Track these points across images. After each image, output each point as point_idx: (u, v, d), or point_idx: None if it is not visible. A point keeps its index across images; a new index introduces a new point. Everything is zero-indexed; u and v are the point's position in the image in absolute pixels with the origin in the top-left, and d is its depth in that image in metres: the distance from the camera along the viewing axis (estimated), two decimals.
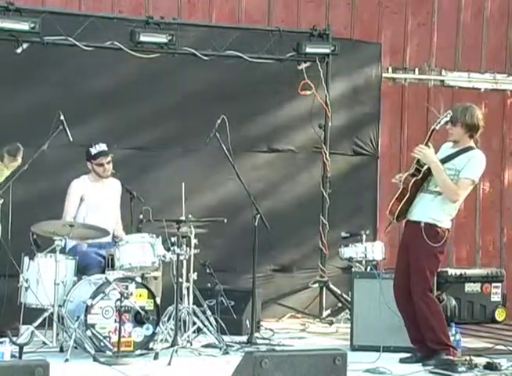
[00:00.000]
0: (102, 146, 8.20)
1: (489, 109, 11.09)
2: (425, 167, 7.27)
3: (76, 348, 7.24)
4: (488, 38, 11.10)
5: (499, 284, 10.02)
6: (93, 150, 8.19)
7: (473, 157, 7.23)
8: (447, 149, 7.33)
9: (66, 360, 6.97)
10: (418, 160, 7.31)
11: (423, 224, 7.17)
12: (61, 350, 7.33)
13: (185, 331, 7.75)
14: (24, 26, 8.44)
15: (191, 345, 7.66)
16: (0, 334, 7.28)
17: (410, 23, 10.80)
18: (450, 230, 7.32)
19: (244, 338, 8.13)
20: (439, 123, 7.21)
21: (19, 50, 8.55)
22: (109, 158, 8.22)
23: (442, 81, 10.92)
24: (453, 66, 10.96)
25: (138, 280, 7.47)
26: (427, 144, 7.19)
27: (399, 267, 7.45)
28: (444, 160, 7.25)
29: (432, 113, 8.99)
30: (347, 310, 9.15)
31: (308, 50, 9.61)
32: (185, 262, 7.82)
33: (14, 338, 7.00)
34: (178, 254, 7.71)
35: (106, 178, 8.27)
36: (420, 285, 7.21)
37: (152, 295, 7.48)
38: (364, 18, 10.60)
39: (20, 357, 6.73)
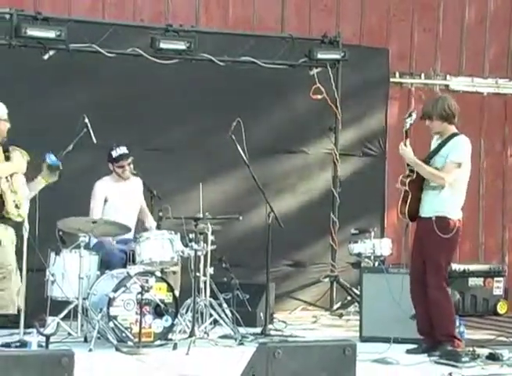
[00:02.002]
0: (123, 149, 8.21)
1: (492, 112, 11.08)
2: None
3: (99, 338, 7.26)
4: (491, 45, 11.08)
5: (501, 279, 10.00)
6: (114, 153, 8.20)
7: (457, 141, 7.30)
8: (435, 141, 7.36)
9: (90, 350, 6.99)
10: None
11: (434, 218, 7.18)
12: (85, 340, 7.35)
13: (202, 323, 7.75)
14: (51, 34, 8.46)
15: (208, 335, 7.67)
16: (28, 325, 7.32)
17: (416, 30, 10.78)
18: (461, 220, 7.32)
19: (258, 330, 8.13)
20: (406, 124, 7.27)
21: (45, 56, 8.56)
22: (129, 160, 8.23)
23: (447, 85, 10.90)
24: (457, 71, 10.94)
25: (158, 274, 7.49)
26: (405, 144, 7.24)
27: (414, 262, 7.44)
28: (434, 152, 7.29)
29: None
30: (356, 303, 9.14)
31: (320, 56, 9.60)
32: (202, 258, 7.82)
33: (41, 329, 7.05)
34: (196, 250, 7.71)
35: (126, 179, 8.28)
36: (436, 276, 7.20)
37: (171, 289, 7.49)
38: (372, 26, 10.59)
39: (47, 347, 6.77)
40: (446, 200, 7.22)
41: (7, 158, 6.33)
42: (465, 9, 10.95)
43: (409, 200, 7.26)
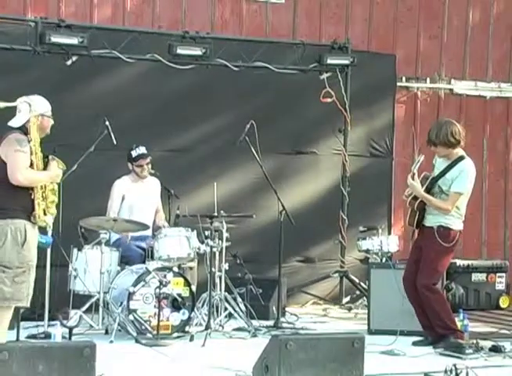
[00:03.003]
0: (142, 149, 8.22)
1: (494, 115, 11.05)
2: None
3: (119, 330, 7.28)
4: (494, 50, 11.04)
5: (503, 274, 9.98)
6: (134, 153, 8.21)
7: (462, 170, 7.26)
8: (441, 162, 7.34)
9: (111, 342, 7.01)
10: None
11: (436, 228, 7.20)
12: (106, 332, 7.37)
13: (217, 316, 7.76)
14: (74, 40, 8.46)
15: (223, 328, 7.68)
16: (52, 317, 7.34)
17: (422, 36, 10.75)
18: (461, 231, 7.34)
19: (271, 323, 8.14)
20: (415, 166, 7.29)
21: (68, 62, 8.57)
22: (148, 160, 8.23)
23: (451, 89, 10.87)
24: (461, 75, 10.90)
25: (176, 269, 7.51)
26: (413, 179, 7.24)
27: (410, 262, 7.50)
28: (441, 174, 7.30)
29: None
30: (364, 297, 9.12)
31: (329, 61, 9.58)
32: (217, 254, 7.83)
33: (64, 322, 7.07)
34: (212, 247, 7.72)
35: (144, 178, 8.29)
36: (428, 279, 7.23)
37: (188, 283, 7.51)
38: (380, 32, 10.57)
39: (70, 338, 6.79)
40: (456, 213, 7.26)
41: (45, 165, 6.34)
42: (468, 17, 10.92)
43: (417, 216, 7.30)
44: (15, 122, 6.29)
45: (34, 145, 6.20)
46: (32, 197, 6.21)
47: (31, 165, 6.20)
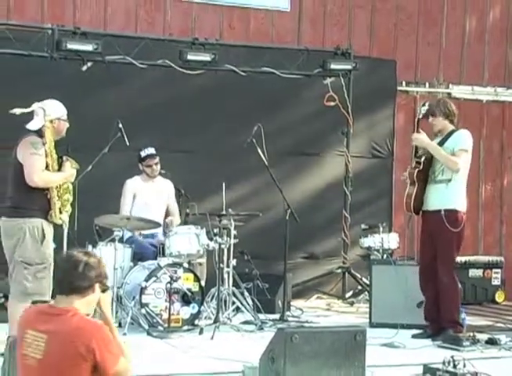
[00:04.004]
0: (151, 150, 8.23)
1: (490, 118, 11.02)
2: (423, 158, 7.24)
3: (132, 323, 7.28)
4: (490, 56, 11.02)
5: (499, 270, 9.96)
6: (143, 154, 8.23)
7: (460, 133, 7.31)
8: (436, 140, 7.32)
9: (124, 334, 7.00)
10: (415, 153, 7.30)
11: (443, 212, 7.10)
12: (119, 325, 7.35)
13: (225, 310, 7.75)
14: (88, 47, 8.46)
15: (231, 321, 7.67)
16: None
17: (421, 43, 10.74)
18: (465, 213, 7.29)
19: (277, 316, 8.13)
20: (420, 113, 7.31)
21: (84, 68, 8.57)
22: (156, 160, 8.24)
23: (449, 93, 10.84)
24: (459, 80, 10.88)
25: (186, 265, 7.50)
26: (418, 132, 7.23)
27: (424, 254, 7.38)
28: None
29: None
30: (366, 292, 9.12)
31: (333, 67, 9.57)
32: (225, 250, 7.83)
33: None
34: (220, 244, 7.72)
35: (154, 178, 8.29)
36: (447, 265, 7.17)
37: (197, 279, 7.50)
38: (381, 39, 10.55)
39: None
40: (454, 193, 7.17)
41: (59, 166, 6.35)
42: (465, 25, 10.91)
43: (414, 194, 7.21)
44: (32, 125, 6.31)
45: (48, 147, 6.22)
46: (48, 196, 6.23)
47: (46, 167, 6.22)
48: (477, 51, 10.93)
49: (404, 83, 10.64)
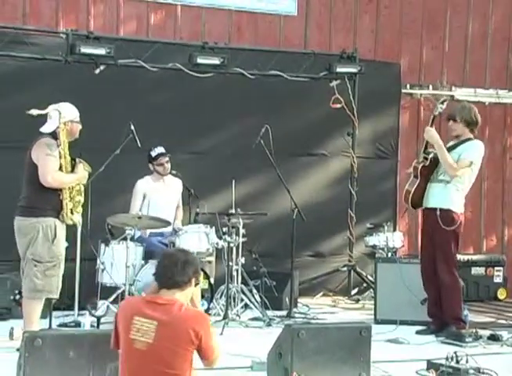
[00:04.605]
0: (161, 149, 8.24)
1: (493, 120, 11.01)
2: (431, 155, 7.20)
3: None
4: (492, 59, 11.00)
5: (501, 268, 9.95)
6: (153, 153, 8.23)
7: (473, 143, 7.20)
8: (450, 144, 7.28)
9: None
10: (425, 149, 7.26)
11: (438, 211, 7.10)
12: None
13: (234, 307, 7.76)
14: (101, 51, 8.48)
15: (239, 318, 7.68)
16: (81, 307, 7.37)
17: (425, 46, 10.73)
18: (463, 214, 7.26)
19: (284, 313, 8.13)
20: (437, 109, 7.17)
21: (97, 71, 8.59)
22: (167, 158, 8.25)
23: (452, 96, 10.82)
24: (462, 83, 10.86)
25: None
26: (432, 124, 7.18)
27: (424, 253, 7.40)
28: (449, 149, 7.18)
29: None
30: (371, 289, 9.11)
31: (339, 70, 9.57)
32: (234, 249, 7.84)
33: (93, 311, 7.09)
34: (229, 242, 7.73)
35: (166, 176, 8.29)
36: (446, 263, 7.16)
37: (207, 276, 7.51)
38: (386, 43, 10.54)
39: (98, 327, 6.82)
40: (450, 195, 7.16)
41: (72, 167, 6.38)
42: (468, 28, 10.89)
43: (415, 187, 7.19)
44: (46, 128, 6.34)
45: (62, 149, 6.25)
46: (60, 197, 6.26)
47: (60, 168, 6.25)
48: (480, 54, 10.92)
49: (408, 86, 10.62)
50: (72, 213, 6.32)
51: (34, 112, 6.22)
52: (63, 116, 6.30)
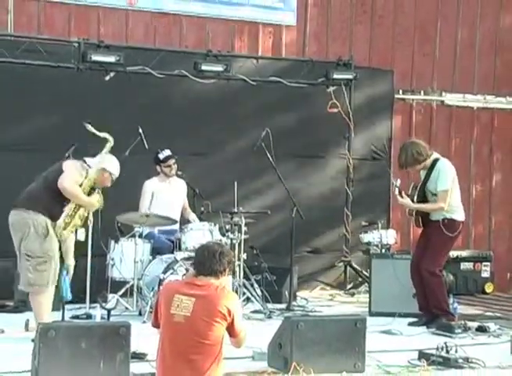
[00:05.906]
0: (168, 151, 8.24)
1: (480, 124, 11.01)
2: (414, 196, 7.34)
3: (151, 312, 7.26)
4: (480, 66, 11.00)
5: (488, 263, 9.96)
6: (161, 156, 8.23)
7: (440, 170, 7.24)
8: (423, 172, 7.35)
9: (144, 322, 7.02)
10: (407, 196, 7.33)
11: (441, 221, 7.18)
12: (140, 314, 7.39)
13: None
14: (111, 58, 8.48)
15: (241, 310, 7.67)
16: (92, 300, 7.37)
17: (417, 54, 10.72)
18: (464, 222, 7.33)
19: (284, 306, 8.14)
20: (396, 187, 7.25)
21: (107, 78, 8.59)
22: (174, 160, 8.26)
23: (443, 101, 10.83)
24: (451, 88, 10.86)
25: None
26: (402, 197, 7.21)
27: (416, 251, 7.47)
28: (425, 181, 7.26)
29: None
30: (366, 284, 9.11)
31: (335, 76, 9.56)
32: (237, 245, 7.84)
33: (103, 304, 7.10)
34: (232, 239, 7.73)
35: (172, 178, 8.29)
36: (433, 264, 7.19)
37: None
38: (380, 50, 10.54)
39: (108, 319, 6.83)
40: (451, 206, 7.23)
41: (89, 193, 6.44)
42: (457, 37, 10.89)
43: (420, 219, 7.29)
44: (90, 161, 6.45)
45: (86, 181, 6.34)
46: (63, 209, 6.29)
47: (80, 186, 6.32)
48: (468, 61, 10.91)
49: (401, 91, 10.63)
50: (64, 228, 6.32)
51: (90, 128, 6.36)
52: (106, 165, 6.39)
